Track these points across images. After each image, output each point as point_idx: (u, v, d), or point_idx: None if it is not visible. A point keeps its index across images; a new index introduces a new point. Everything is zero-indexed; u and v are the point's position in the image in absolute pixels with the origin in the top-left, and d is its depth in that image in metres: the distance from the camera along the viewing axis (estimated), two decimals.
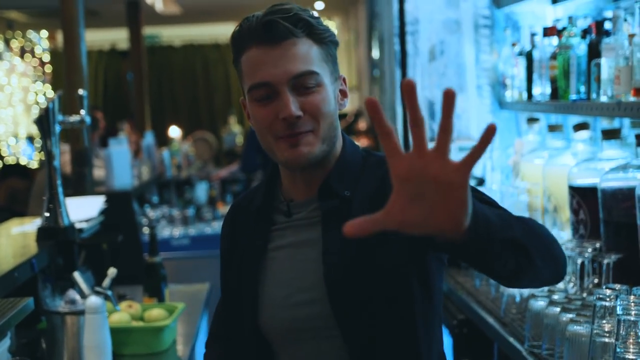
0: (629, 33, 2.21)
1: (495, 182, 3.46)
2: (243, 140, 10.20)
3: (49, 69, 11.70)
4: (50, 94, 11.27)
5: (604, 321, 1.65)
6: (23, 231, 2.98)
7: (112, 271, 2.42)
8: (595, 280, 2.25)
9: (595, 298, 1.68)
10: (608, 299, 1.65)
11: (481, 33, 3.73)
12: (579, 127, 2.80)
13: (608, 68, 2.28)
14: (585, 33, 2.63)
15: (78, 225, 2.85)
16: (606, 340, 1.64)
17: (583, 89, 2.53)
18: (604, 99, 2.31)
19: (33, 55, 11.51)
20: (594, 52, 2.44)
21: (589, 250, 2.24)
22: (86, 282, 2.40)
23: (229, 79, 12.64)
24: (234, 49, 1.52)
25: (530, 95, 3.10)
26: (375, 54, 8.40)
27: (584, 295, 2.20)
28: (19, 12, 9.36)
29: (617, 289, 1.73)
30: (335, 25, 12.83)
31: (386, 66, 4.13)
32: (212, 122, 12.30)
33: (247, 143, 7.12)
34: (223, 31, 12.72)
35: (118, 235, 3.31)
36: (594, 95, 2.40)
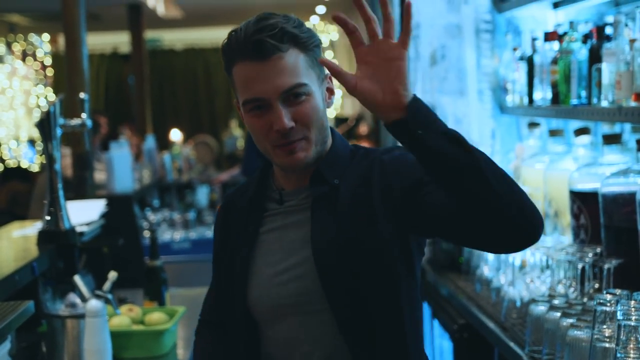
0: (630, 38, 2.21)
1: None
2: (244, 143, 10.21)
3: (50, 72, 11.71)
4: (51, 97, 11.28)
5: (605, 326, 1.65)
6: (24, 234, 2.98)
7: (113, 275, 2.42)
8: (596, 285, 2.25)
9: (595, 303, 1.68)
10: (609, 304, 1.65)
11: (482, 38, 3.73)
12: (580, 132, 2.80)
13: (609, 73, 2.28)
14: (586, 38, 2.63)
15: (79, 229, 2.85)
16: (607, 345, 1.64)
17: (584, 93, 2.53)
18: (604, 103, 2.31)
19: (35, 59, 11.53)
20: (595, 57, 2.44)
21: (590, 255, 2.24)
22: (87, 286, 2.40)
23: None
24: (225, 59, 1.62)
25: (531, 100, 3.10)
26: None
27: (585, 300, 2.19)
28: (20, 16, 9.37)
29: (618, 294, 1.72)
30: (336, 29, 12.84)
31: None
32: (213, 126, 12.30)
33: (248, 147, 7.11)
34: (224, 35, 12.51)
35: (119, 238, 3.31)
36: (595, 100, 2.40)
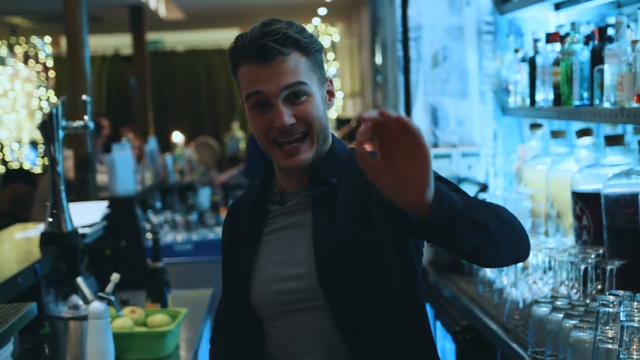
0: (631, 39, 2.21)
1: (498, 188, 3.46)
2: (246, 145, 10.22)
3: (52, 74, 11.72)
4: (53, 99, 11.29)
5: (607, 327, 1.65)
6: (26, 236, 2.99)
7: (115, 276, 2.43)
8: (599, 287, 2.25)
9: (598, 304, 1.68)
10: (611, 305, 1.65)
11: (484, 39, 3.73)
12: (582, 133, 2.80)
13: (611, 74, 2.28)
14: (588, 39, 2.63)
15: (81, 231, 2.85)
16: (609, 346, 1.64)
17: (586, 95, 2.53)
18: (607, 105, 2.31)
19: (37, 61, 11.54)
20: (597, 58, 2.44)
21: (592, 256, 2.24)
22: (89, 288, 2.40)
23: (232, 84, 12.63)
24: (231, 62, 1.72)
25: (533, 101, 3.10)
26: (378, 59, 8.39)
27: (587, 301, 2.19)
28: (22, 18, 9.38)
29: (621, 295, 1.73)
30: (337, 31, 12.85)
31: (389, 72, 4.14)
32: (215, 128, 12.30)
33: (250, 148, 7.12)
34: (226, 37, 12.72)
35: (121, 240, 3.31)
36: (597, 101, 2.40)
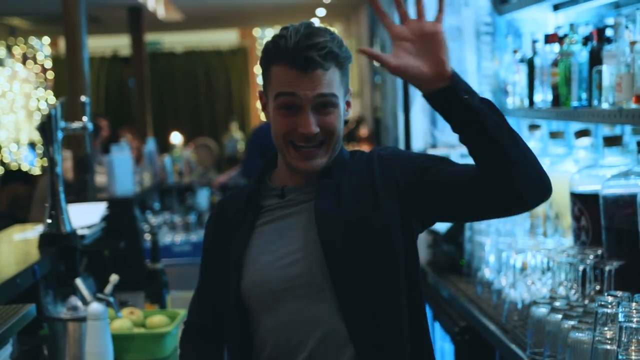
0: (630, 40, 2.22)
1: None
2: (245, 146, 10.22)
3: (50, 75, 11.73)
4: (52, 100, 11.29)
5: (606, 328, 1.65)
6: (25, 238, 2.99)
7: (114, 278, 2.43)
8: (597, 287, 2.25)
9: (597, 305, 1.68)
10: (610, 306, 1.65)
11: (483, 40, 3.73)
12: (581, 134, 2.81)
13: (609, 75, 2.28)
14: (586, 40, 2.63)
15: (80, 232, 2.85)
16: (608, 347, 1.64)
17: (584, 95, 2.53)
18: (605, 106, 2.32)
19: (35, 62, 11.55)
20: (596, 59, 2.44)
21: (591, 257, 2.24)
22: (88, 289, 2.40)
23: (231, 85, 12.66)
24: (266, 57, 1.71)
25: (531, 102, 3.10)
26: None
27: (586, 302, 2.19)
28: (21, 19, 9.38)
29: (619, 296, 1.73)
30: (336, 31, 12.84)
31: (388, 73, 4.14)
32: (214, 129, 12.31)
33: (249, 148, 7.12)
34: (224, 38, 12.74)
35: (120, 241, 3.31)
36: (596, 102, 2.40)
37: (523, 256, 2.59)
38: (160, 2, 8.63)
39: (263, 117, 1.79)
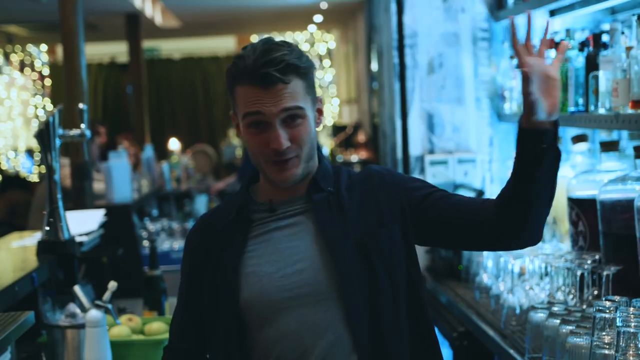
0: (626, 46, 2.23)
1: (494, 194, 3.46)
2: (242, 152, 10.23)
3: (48, 82, 11.74)
4: (49, 107, 11.30)
5: (604, 333, 1.66)
6: (23, 245, 2.99)
7: (113, 285, 2.42)
8: (595, 292, 2.26)
9: (595, 310, 1.68)
10: (608, 311, 1.65)
11: (479, 46, 3.74)
12: (578, 139, 2.81)
13: (606, 80, 2.29)
14: (583, 46, 2.64)
15: (78, 239, 2.85)
16: (606, 352, 1.64)
17: (581, 101, 2.54)
18: (602, 111, 2.32)
19: (33, 69, 11.56)
20: (592, 65, 2.45)
21: (589, 262, 2.24)
22: (86, 296, 2.40)
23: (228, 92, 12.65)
24: (230, 79, 1.75)
25: None
26: (374, 66, 8.42)
27: (584, 307, 2.20)
28: (18, 26, 9.39)
29: (617, 300, 1.73)
30: (333, 38, 12.86)
31: (385, 79, 4.15)
32: (212, 135, 12.32)
33: (246, 155, 7.13)
34: (222, 44, 12.76)
35: (118, 248, 3.31)
36: (592, 108, 2.41)
37: (521, 261, 2.59)
38: (157, 9, 8.65)
39: None
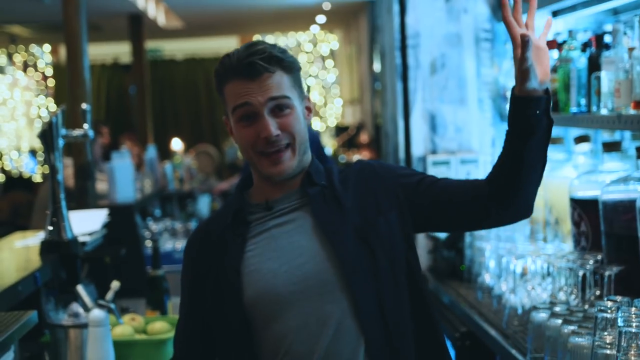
0: (628, 46, 2.23)
1: None
2: None
3: (51, 82, 11.75)
4: (52, 107, 11.31)
5: (606, 333, 1.66)
6: (26, 245, 2.99)
7: (115, 284, 2.43)
8: (597, 292, 2.26)
9: (596, 310, 1.68)
10: (609, 311, 1.66)
11: (482, 46, 3.75)
12: (580, 140, 2.81)
13: (608, 81, 2.29)
14: (585, 46, 2.64)
15: (81, 239, 2.86)
16: (608, 352, 1.65)
17: (583, 101, 2.54)
18: (604, 111, 2.33)
19: (36, 70, 11.58)
20: (594, 65, 2.45)
21: (591, 262, 2.25)
22: (89, 296, 2.40)
23: None
24: (218, 80, 1.80)
25: None
26: (377, 67, 8.43)
27: (586, 307, 2.20)
28: (22, 27, 9.41)
29: (619, 300, 1.73)
30: (336, 38, 12.87)
31: (387, 79, 4.15)
32: (214, 136, 12.33)
33: None
34: (225, 45, 12.76)
35: (121, 248, 3.32)
36: (595, 108, 2.41)
37: (523, 261, 2.60)
38: (160, 10, 8.66)
39: None
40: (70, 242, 2.75)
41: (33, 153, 11.47)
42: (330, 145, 10.31)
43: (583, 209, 2.52)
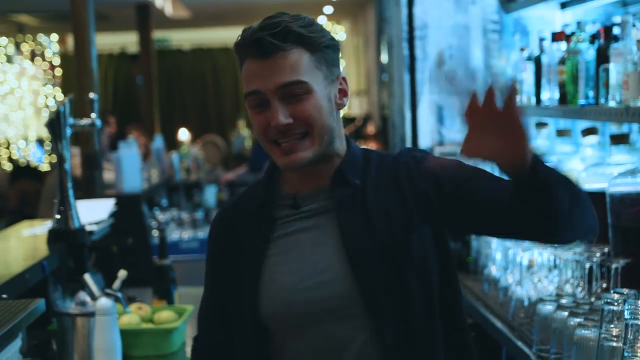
0: (637, 38, 2.22)
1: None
2: (252, 143, 10.24)
3: (59, 72, 11.76)
4: (60, 97, 11.33)
5: (612, 325, 1.66)
6: (34, 233, 3.00)
7: (123, 273, 2.44)
8: (604, 285, 2.25)
9: (603, 302, 1.68)
10: (616, 304, 1.66)
11: (490, 38, 3.73)
12: (588, 132, 2.81)
13: (616, 73, 2.29)
14: (593, 38, 2.63)
15: (88, 228, 2.87)
16: (614, 344, 1.65)
17: (591, 94, 2.53)
18: (612, 104, 2.32)
19: (43, 59, 11.58)
20: (603, 57, 2.45)
21: (597, 254, 2.24)
22: (96, 284, 2.41)
23: (238, 82, 12.64)
24: (238, 57, 1.63)
25: (538, 100, 3.11)
26: (384, 58, 8.41)
27: (592, 299, 2.20)
28: (29, 16, 9.41)
29: (625, 293, 1.73)
30: (343, 29, 12.84)
31: (395, 71, 4.14)
32: (221, 126, 12.33)
33: (256, 146, 7.15)
34: (232, 35, 12.66)
35: (128, 238, 3.33)
36: (603, 100, 2.40)
37: (530, 254, 2.59)
38: (168, 0, 8.65)
39: None
40: (78, 231, 2.76)
41: (40, 142, 11.50)
42: None
43: (590, 201, 2.51)
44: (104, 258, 3.23)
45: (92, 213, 3.09)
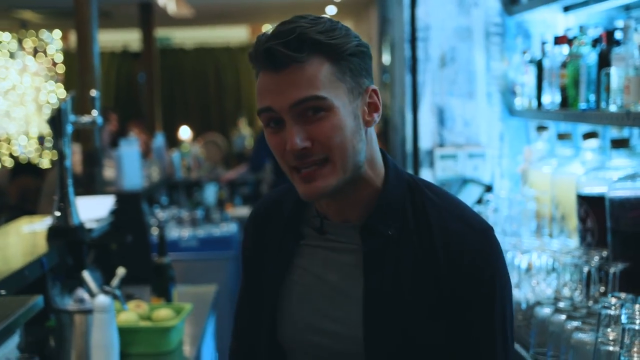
0: (639, 43, 2.22)
1: (503, 190, 3.47)
2: (253, 142, 10.25)
3: (61, 69, 11.76)
4: (62, 93, 11.33)
5: (609, 329, 1.66)
6: (33, 230, 3.01)
7: (121, 271, 2.44)
8: (602, 289, 2.26)
9: (600, 306, 1.69)
10: (613, 308, 1.66)
11: (492, 40, 3.73)
12: (588, 136, 2.81)
13: (618, 77, 2.29)
14: (595, 42, 2.64)
15: (88, 225, 2.87)
16: (611, 348, 1.65)
17: (593, 98, 2.53)
18: (613, 108, 2.32)
19: (46, 55, 11.58)
20: (604, 62, 2.45)
21: (596, 258, 2.24)
22: (95, 282, 2.42)
23: (240, 82, 12.68)
24: (252, 64, 1.42)
25: (540, 104, 3.11)
26: (386, 59, 8.41)
27: (590, 303, 2.20)
28: (32, 12, 9.41)
29: (623, 297, 1.73)
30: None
31: (397, 72, 4.14)
32: (222, 125, 12.33)
33: (257, 145, 7.15)
34: (234, 34, 12.77)
35: (127, 235, 3.33)
36: (604, 105, 2.41)
37: (528, 257, 2.60)
38: None
39: None
40: (77, 228, 2.76)
41: (42, 139, 11.50)
42: None
43: (590, 205, 2.52)
44: (102, 255, 3.24)
45: (92, 210, 3.09)
